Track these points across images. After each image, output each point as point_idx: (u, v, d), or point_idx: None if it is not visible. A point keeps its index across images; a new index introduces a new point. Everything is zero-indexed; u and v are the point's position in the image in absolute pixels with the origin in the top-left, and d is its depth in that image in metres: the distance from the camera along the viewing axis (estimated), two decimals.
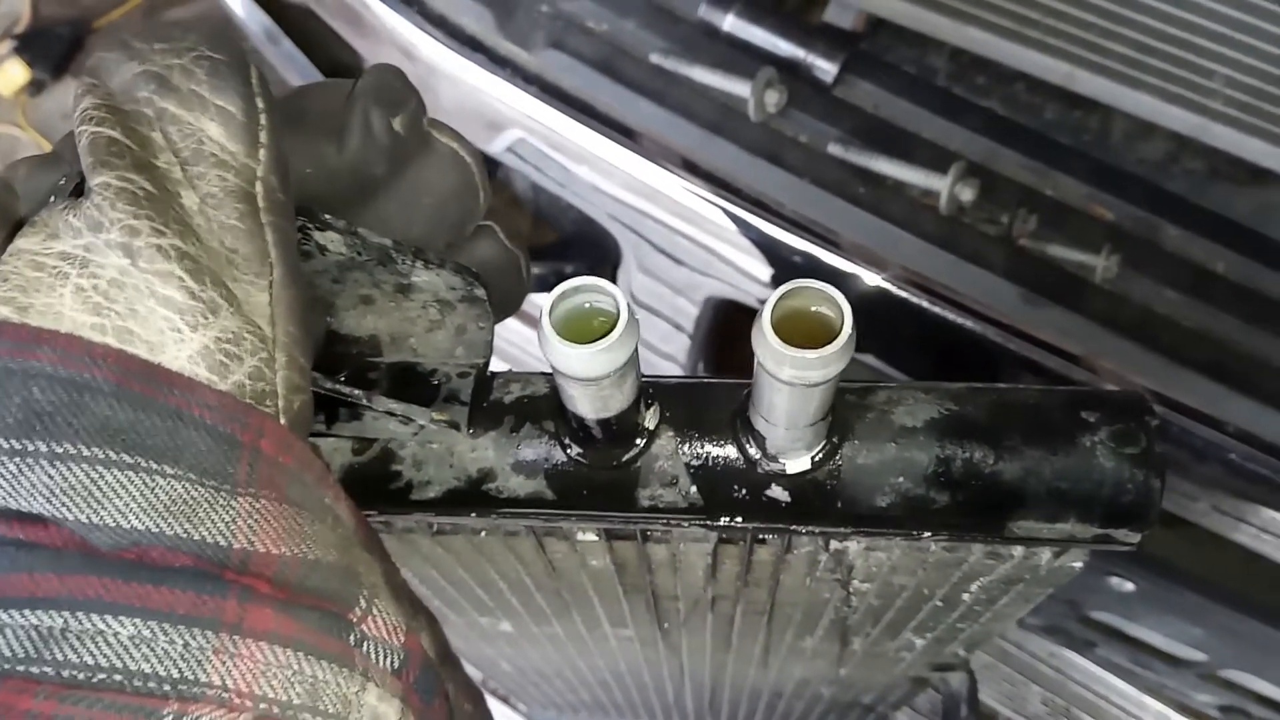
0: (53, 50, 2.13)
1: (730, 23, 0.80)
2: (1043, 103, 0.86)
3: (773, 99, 0.76)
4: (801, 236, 0.77)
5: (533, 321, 1.00)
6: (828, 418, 0.38)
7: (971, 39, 0.79)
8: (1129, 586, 0.80)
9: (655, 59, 0.80)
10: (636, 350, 0.34)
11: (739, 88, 0.76)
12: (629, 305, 0.33)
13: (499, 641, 0.74)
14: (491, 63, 0.83)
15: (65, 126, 0.33)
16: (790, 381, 0.33)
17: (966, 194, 0.72)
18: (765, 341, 0.32)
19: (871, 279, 0.76)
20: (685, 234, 0.84)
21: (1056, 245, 0.72)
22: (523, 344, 1.05)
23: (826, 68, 0.78)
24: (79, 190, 0.31)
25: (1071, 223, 0.73)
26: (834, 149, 0.76)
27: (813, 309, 0.33)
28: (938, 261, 0.72)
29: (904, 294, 0.75)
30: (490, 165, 1.04)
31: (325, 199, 0.37)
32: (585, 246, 1.01)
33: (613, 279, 0.95)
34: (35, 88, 2.14)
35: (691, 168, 0.79)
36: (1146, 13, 0.72)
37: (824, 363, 0.32)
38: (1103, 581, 0.81)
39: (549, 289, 0.34)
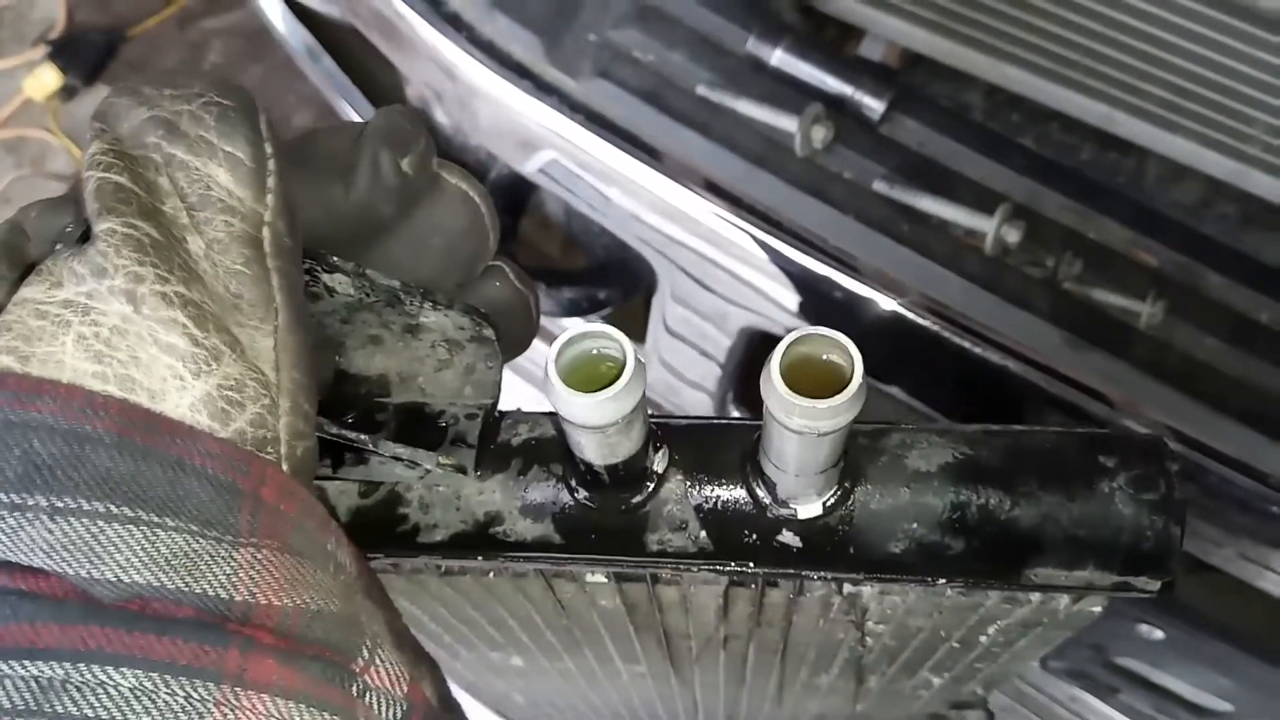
0: (86, 57, 2.16)
1: (778, 57, 0.80)
2: (1078, 143, 0.86)
3: (819, 134, 0.76)
4: (844, 273, 0.77)
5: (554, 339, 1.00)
6: (839, 464, 0.37)
7: (1011, 78, 0.80)
8: (1158, 635, 0.80)
9: (702, 91, 0.80)
10: (644, 396, 0.34)
11: (786, 122, 0.76)
12: (635, 352, 0.33)
13: (510, 675, 0.74)
14: (538, 89, 0.83)
15: None
16: (800, 430, 0.33)
17: (1012, 236, 0.72)
18: (774, 390, 0.32)
19: (912, 316, 0.76)
20: (723, 265, 0.84)
21: (1101, 290, 0.72)
22: (541, 361, 1.05)
23: (873, 105, 0.78)
24: (86, 236, 0.31)
25: (1116, 267, 0.73)
26: (879, 186, 0.76)
27: (824, 356, 0.33)
28: (981, 302, 0.72)
29: (944, 333, 0.75)
30: (525, 188, 1.04)
31: (334, 240, 0.37)
32: (618, 272, 1.01)
33: (646, 306, 0.95)
34: (67, 93, 2.16)
35: (735, 200, 0.79)
36: (1187, 57, 0.73)
37: (834, 413, 0.32)
38: (1131, 629, 0.80)
39: (582, 313, 0.34)
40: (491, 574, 0.47)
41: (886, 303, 0.76)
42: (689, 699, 0.74)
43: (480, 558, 0.41)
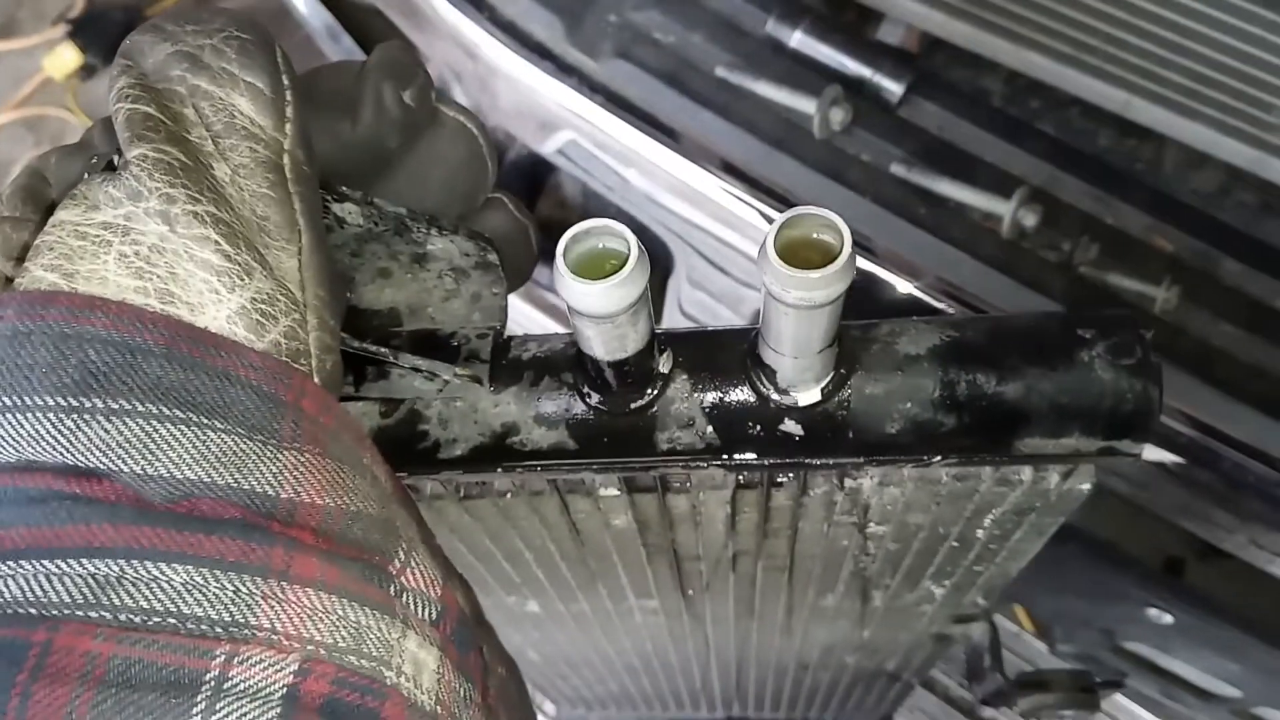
0: (106, 35, 2.15)
1: (797, 39, 0.80)
2: (1096, 129, 0.86)
3: (838, 116, 0.77)
4: (860, 255, 0.77)
5: (542, 305, 1.01)
6: (834, 346, 0.39)
7: (1031, 64, 0.80)
8: (1168, 619, 0.80)
9: (721, 72, 0.80)
10: (648, 289, 0.35)
11: (804, 104, 0.77)
12: (638, 243, 0.34)
13: (526, 625, 0.75)
14: (558, 70, 0.84)
15: None
16: (796, 304, 0.34)
17: (1029, 219, 0.72)
18: (770, 266, 0.33)
19: (928, 299, 0.76)
20: (739, 248, 0.85)
21: (1117, 275, 0.72)
22: (532, 328, 1.06)
23: (892, 88, 0.78)
24: (110, 167, 0.32)
25: (1132, 253, 0.74)
26: (897, 169, 0.76)
27: (814, 236, 0.34)
28: (997, 285, 0.73)
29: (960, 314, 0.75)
30: (543, 168, 1.04)
31: (341, 173, 0.39)
32: None
33: (661, 289, 0.95)
34: (87, 72, 2.16)
35: (753, 182, 0.79)
36: (1207, 44, 0.73)
37: (827, 281, 0.33)
38: (1141, 613, 0.81)
39: None
40: (509, 494, 0.48)
41: (903, 285, 0.77)
42: (700, 639, 0.75)
43: (500, 468, 0.43)
